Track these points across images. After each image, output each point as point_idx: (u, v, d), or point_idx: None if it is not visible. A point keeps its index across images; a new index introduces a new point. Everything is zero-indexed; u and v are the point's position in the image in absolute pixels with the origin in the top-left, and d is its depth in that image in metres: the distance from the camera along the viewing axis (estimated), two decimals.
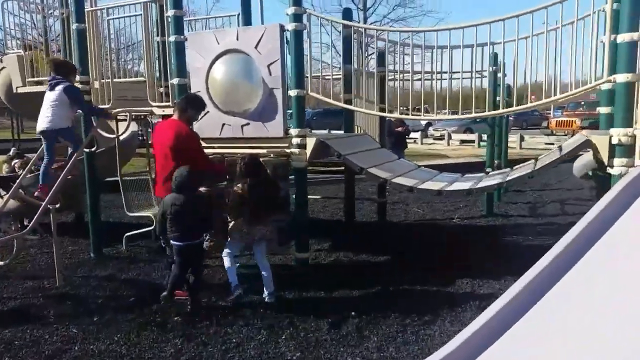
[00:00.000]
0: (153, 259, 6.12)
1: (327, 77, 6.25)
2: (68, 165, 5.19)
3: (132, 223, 6.96)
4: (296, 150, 5.11)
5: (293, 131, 5.14)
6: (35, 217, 4.73)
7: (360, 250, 6.18)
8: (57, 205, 5.08)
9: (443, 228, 7.60)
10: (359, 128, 6.96)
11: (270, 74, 5.21)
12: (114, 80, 6.15)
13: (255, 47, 5.24)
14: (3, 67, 7.37)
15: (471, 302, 4.61)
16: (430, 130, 25.89)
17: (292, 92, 5.18)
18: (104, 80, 6.30)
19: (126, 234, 6.60)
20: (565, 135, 20.61)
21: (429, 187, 5.03)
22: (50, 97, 5.44)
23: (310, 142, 5.09)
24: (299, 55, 5.12)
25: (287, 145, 5.24)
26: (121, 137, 6.40)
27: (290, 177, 5.42)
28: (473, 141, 22.17)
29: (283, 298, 4.73)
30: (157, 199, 5.07)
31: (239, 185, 4.56)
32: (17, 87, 6.92)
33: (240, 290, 4.59)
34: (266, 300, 4.67)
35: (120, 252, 6.47)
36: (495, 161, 9.15)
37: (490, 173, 6.45)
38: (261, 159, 4.79)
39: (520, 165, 6.11)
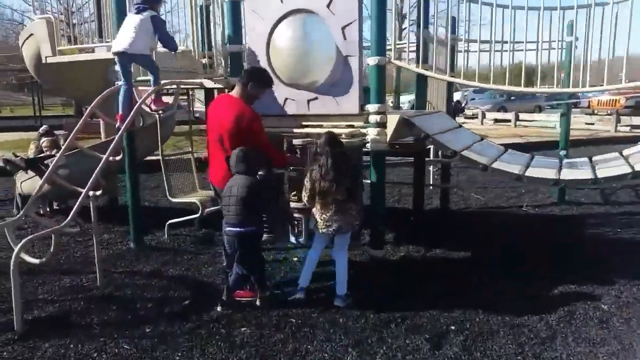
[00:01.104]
0: (200, 251, 5.45)
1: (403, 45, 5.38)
2: (128, 118, 4.42)
3: (170, 207, 6.24)
4: (374, 130, 4.32)
5: (371, 107, 4.34)
6: (76, 206, 4.03)
7: (431, 243, 5.44)
8: (100, 192, 4.38)
9: (514, 217, 6.81)
10: (429, 105, 6.14)
11: (345, 39, 4.40)
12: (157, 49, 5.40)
13: (328, 6, 4.43)
14: (31, 35, 6.63)
15: (585, 311, 3.89)
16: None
17: (372, 60, 4.35)
18: None
19: (169, 221, 5.92)
20: (609, 114, 19.47)
21: (544, 176, 4.22)
22: (134, 20, 4.69)
23: (392, 120, 4.31)
24: (381, 15, 4.29)
25: (362, 123, 4.47)
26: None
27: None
28: (509, 120, 21.16)
29: (360, 303, 4.02)
30: (212, 186, 4.36)
31: (314, 167, 3.83)
32: (46, 57, 6.18)
33: (303, 296, 3.98)
34: (336, 303, 3.98)
35: (162, 242, 5.80)
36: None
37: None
38: None
39: (605, 157, 5.27)
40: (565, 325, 3.70)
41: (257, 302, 4.02)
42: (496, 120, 22.24)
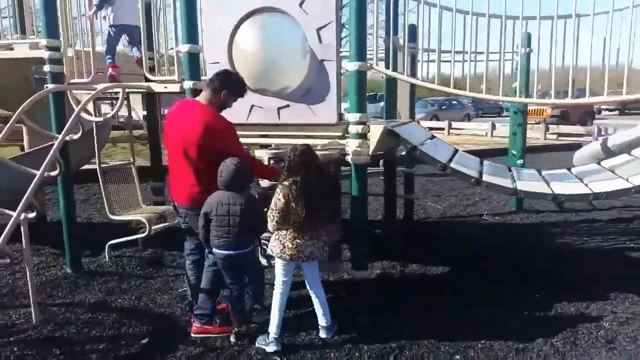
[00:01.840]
0: (149, 276, 4.82)
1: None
2: (68, 125, 3.70)
3: (107, 223, 5.48)
4: (355, 142, 3.91)
5: (351, 116, 3.93)
6: (4, 234, 3.32)
7: (404, 258, 5.10)
8: (34, 214, 3.68)
9: (478, 227, 6.62)
10: (398, 114, 5.82)
11: (321, 41, 3.96)
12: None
13: (300, 5, 3.98)
14: None
15: (588, 330, 3.68)
16: None
17: (352, 65, 3.92)
18: (82, 49, 4.89)
19: (110, 241, 5.22)
20: (537, 123, 20.26)
21: (540, 190, 3.98)
22: None
23: (375, 131, 3.92)
24: (361, 18, 3.87)
25: (340, 134, 4.05)
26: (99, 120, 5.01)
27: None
28: (442, 128, 21.57)
29: (347, 332, 3.58)
30: (173, 204, 3.77)
31: (288, 184, 3.35)
32: None
33: (279, 347, 3.39)
34: (322, 335, 3.53)
35: (104, 265, 5.10)
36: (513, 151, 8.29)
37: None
38: None
39: (586, 169, 5.19)
40: (572, 347, 3.44)
41: (232, 338, 3.49)
42: (430, 129, 22.58)
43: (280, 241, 3.40)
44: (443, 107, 26.67)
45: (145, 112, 6.36)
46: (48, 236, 5.49)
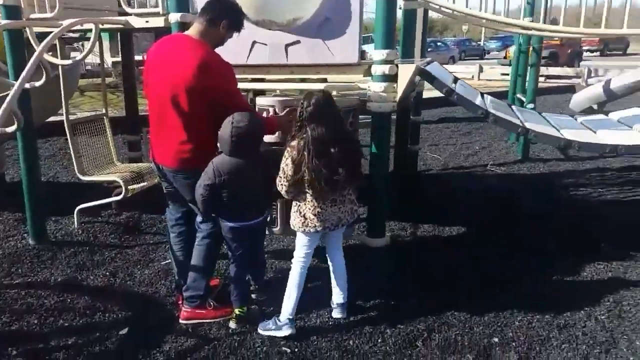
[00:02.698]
0: (126, 244, 4.19)
1: None
2: (25, 72, 2.94)
3: (75, 183, 4.76)
4: (379, 85, 3.23)
5: (376, 54, 3.22)
6: None
7: (414, 217, 4.55)
8: None
9: (485, 179, 6.09)
10: None
11: None
12: None
13: None
14: None
15: (634, 300, 3.20)
16: None
17: None
18: None
19: (79, 206, 4.54)
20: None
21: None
22: None
23: (405, 72, 3.23)
24: None
25: (361, 76, 3.38)
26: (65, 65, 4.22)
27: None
28: None
29: (365, 312, 3.05)
30: (155, 165, 3.08)
31: (295, 144, 2.71)
32: None
33: (294, 330, 2.84)
34: (336, 316, 3.00)
35: (72, 233, 4.43)
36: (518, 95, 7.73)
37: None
38: None
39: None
40: (620, 322, 2.98)
41: (232, 324, 2.92)
42: None
43: (300, 212, 2.80)
44: (429, 50, 25.70)
45: (115, 57, 5.56)
46: (7, 198, 4.80)
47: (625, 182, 5.81)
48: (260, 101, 3.45)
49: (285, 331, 2.80)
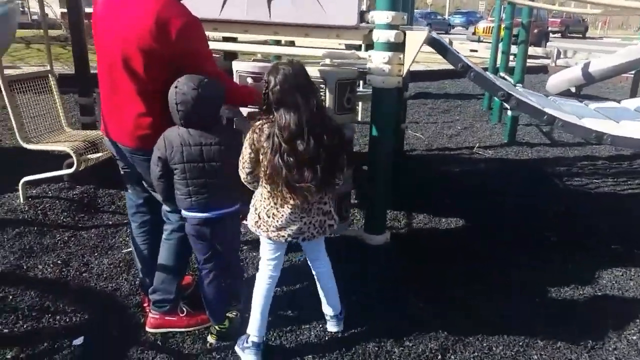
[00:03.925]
0: (80, 225, 3.64)
1: None
2: None
3: (21, 150, 4.09)
4: (382, 55, 2.73)
5: (379, 16, 2.71)
6: None
7: (406, 205, 4.15)
8: None
9: (472, 164, 5.73)
10: None
11: None
12: None
13: None
14: None
15: None
16: None
17: None
18: None
19: (24, 177, 3.92)
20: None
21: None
22: None
23: (415, 40, 2.74)
24: None
25: (360, 43, 2.87)
26: None
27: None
28: None
29: (365, 324, 2.64)
30: (106, 141, 2.50)
31: (257, 126, 2.16)
32: None
33: (259, 357, 2.34)
34: (331, 329, 2.56)
35: (17, 209, 3.82)
36: (501, 74, 7.39)
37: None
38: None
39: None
40: None
41: (211, 339, 2.45)
42: None
43: (256, 209, 2.26)
44: None
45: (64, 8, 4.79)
46: None
47: (619, 173, 5.56)
48: (239, 66, 2.91)
49: (248, 356, 2.32)
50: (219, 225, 2.32)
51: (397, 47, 2.72)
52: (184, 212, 2.32)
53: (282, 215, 2.18)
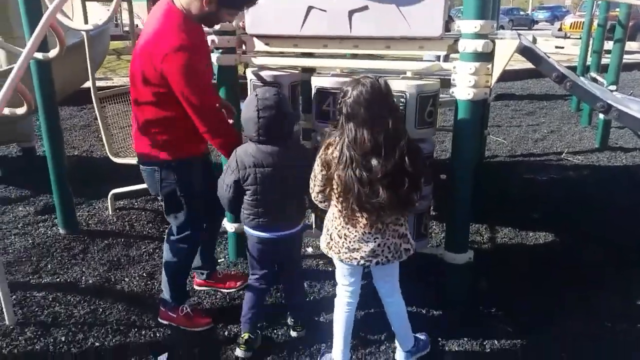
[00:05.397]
0: (164, 236, 3.69)
1: None
2: (34, 38, 2.35)
3: (105, 162, 4.25)
4: (469, 66, 2.59)
5: (465, 25, 2.58)
6: None
7: (485, 218, 3.94)
8: None
9: (561, 171, 5.37)
10: None
11: None
12: None
13: None
14: None
15: None
16: None
17: None
18: None
19: (113, 190, 4.09)
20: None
21: None
22: None
23: (506, 49, 2.57)
24: None
25: (445, 53, 2.74)
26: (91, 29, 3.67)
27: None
28: None
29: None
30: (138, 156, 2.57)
31: (328, 144, 2.09)
32: None
33: None
34: None
35: (106, 220, 3.99)
36: (592, 74, 6.93)
37: None
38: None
39: None
40: None
41: (239, 352, 2.41)
42: None
43: (328, 229, 2.18)
44: None
45: None
46: (38, 175, 4.33)
47: None
48: (319, 82, 2.86)
49: None
50: (282, 244, 2.35)
51: (486, 57, 2.57)
52: (246, 229, 2.34)
53: (354, 235, 2.10)
